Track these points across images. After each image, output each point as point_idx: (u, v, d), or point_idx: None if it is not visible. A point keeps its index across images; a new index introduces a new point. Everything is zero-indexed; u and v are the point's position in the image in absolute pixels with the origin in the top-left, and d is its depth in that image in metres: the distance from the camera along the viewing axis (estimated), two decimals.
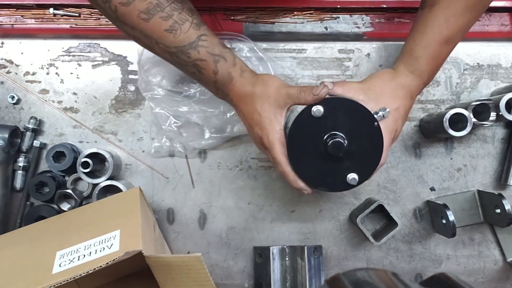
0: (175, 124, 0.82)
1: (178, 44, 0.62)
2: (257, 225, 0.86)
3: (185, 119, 0.81)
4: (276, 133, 0.64)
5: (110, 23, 0.64)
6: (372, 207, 0.80)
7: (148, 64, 0.80)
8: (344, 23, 0.88)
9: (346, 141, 0.63)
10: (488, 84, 0.87)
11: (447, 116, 0.78)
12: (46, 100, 0.85)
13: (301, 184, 0.66)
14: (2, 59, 0.85)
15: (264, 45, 0.86)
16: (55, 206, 0.83)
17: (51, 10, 0.83)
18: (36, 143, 0.83)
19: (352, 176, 0.64)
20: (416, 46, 0.68)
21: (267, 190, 0.86)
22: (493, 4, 0.84)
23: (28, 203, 0.84)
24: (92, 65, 0.85)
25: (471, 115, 0.78)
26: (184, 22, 0.62)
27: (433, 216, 0.85)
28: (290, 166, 0.65)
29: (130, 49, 0.84)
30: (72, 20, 0.84)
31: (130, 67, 0.85)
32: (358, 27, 0.87)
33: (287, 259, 0.82)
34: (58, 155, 0.82)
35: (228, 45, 0.82)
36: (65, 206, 0.83)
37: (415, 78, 0.68)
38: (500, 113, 0.77)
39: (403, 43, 0.86)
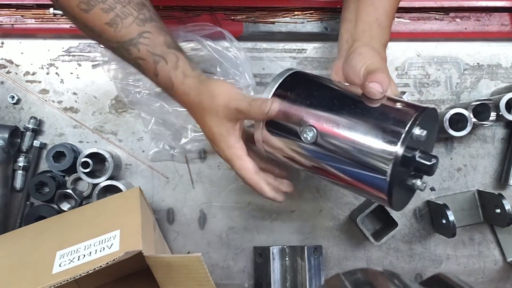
0: (157, 126, 0.82)
1: (118, 39, 0.57)
2: (257, 225, 0.86)
3: (167, 120, 0.80)
4: (231, 147, 0.59)
5: None
6: (372, 207, 0.80)
7: (121, 71, 0.80)
8: None
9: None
10: (488, 84, 0.87)
11: (447, 116, 0.78)
12: (46, 100, 0.85)
13: (271, 193, 0.61)
14: (2, 59, 0.85)
15: (264, 45, 0.86)
16: (55, 206, 0.83)
17: (51, 10, 0.83)
18: (36, 143, 0.83)
19: (420, 182, 0.56)
20: (381, 15, 0.63)
21: None
22: (493, 4, 0.84)
23: (28, 203, 0.84)
24: (92, 65, 0.85)
25: (471, 115, 0.78)
26: (127, 16, 0.57)
27: (433, 216, 0.85)
28: (256, 175, 0.59)
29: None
30: None
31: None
32: None
33: (287, 259, 0.82)
34: (58, 155, 0.82)
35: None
36: (65, 206, 0.83)
37: (385, 50, 0.63)
38: (500, 113, 0.77)
39: (402, 43, 0.86)
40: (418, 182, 0.56)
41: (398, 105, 0.54)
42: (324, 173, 0.58)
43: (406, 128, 0.50)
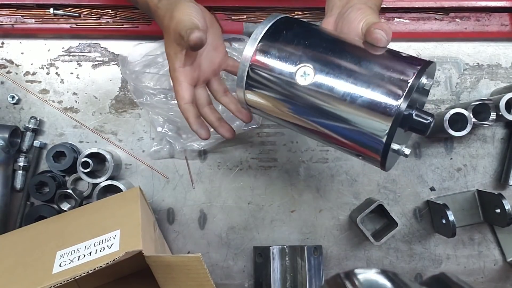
0: (171, 127, 0.82)
1: None
2: (257, 225, 0.86)
3: (181, 122, 0.81)
4: (175, 71, 0.61)
5: (110, 23, 0.64)
6: (372, 207, 0.80)
7: (136, 72, 0.80)
8: None
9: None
10: (488, 84, 0.87)
11: (447, 116, 0.78)
12: (46, 100, 0.85)
13: (194, 125, 0.63)
14: (2, 59, 0.85)
15: None
16: (55, 206, 0.83)
17: (51, 10, 0.83)
18: (36, 143, 0.83)
19: (406, 148, 0.51)
20: None
21: (267, 190, 0.86)
22: (493, 4, 0.84)
23: (28, 203, 0.84)
24: (92, 65, 0.85)
25: (471, 115, 0.78)
26: None
27: (433, 216, 0.85)
28: (187, 105, 0.61)
29: (130, 49, 0.84)
30: (72, 20, 0.84)
31: None
32: None
33: (287, 259, 0.82)
34: (58, 155, 0.82)
35: (227, 45, 0.82)
36: (65, 206, 0.83)
37: (378, 14, 0.60)
38: (500, 113, 0.77)
39: (402, 43, 0.86)
40: (402, 148, 0.51)
41: (403, 55, 0.53)
42: (313, 123, 0.53)
43: (415, 73, 0.48)
